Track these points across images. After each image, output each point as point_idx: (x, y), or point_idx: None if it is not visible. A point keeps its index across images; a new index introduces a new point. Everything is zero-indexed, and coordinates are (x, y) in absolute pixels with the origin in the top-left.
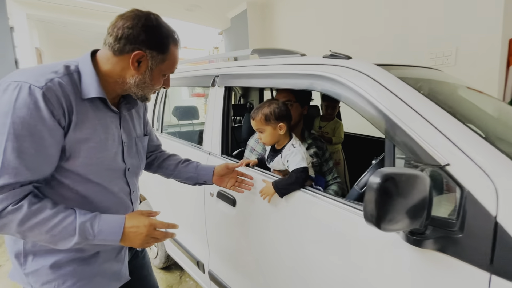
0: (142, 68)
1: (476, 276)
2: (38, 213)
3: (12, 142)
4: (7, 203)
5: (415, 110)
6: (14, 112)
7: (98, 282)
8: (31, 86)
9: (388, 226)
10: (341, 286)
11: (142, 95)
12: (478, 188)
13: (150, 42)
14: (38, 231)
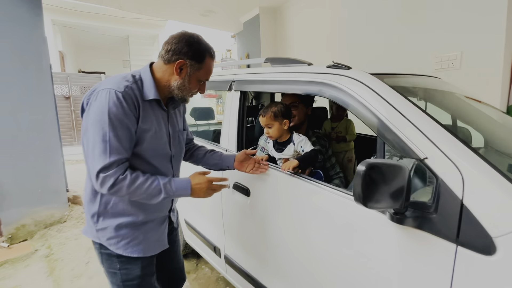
0: (182, 74)
1: (445, 247)
2: (136, 180)
3: (112, 131)
4: (118, 174)
5: (401, 113)
6: (109, 110)
7: (145, 244)
8: (116, 91)
9: (373, 205)
10: (340, 259)
11: (182, 96)
12: (449, 177)
13: (190, 54)
14: (139, 191)
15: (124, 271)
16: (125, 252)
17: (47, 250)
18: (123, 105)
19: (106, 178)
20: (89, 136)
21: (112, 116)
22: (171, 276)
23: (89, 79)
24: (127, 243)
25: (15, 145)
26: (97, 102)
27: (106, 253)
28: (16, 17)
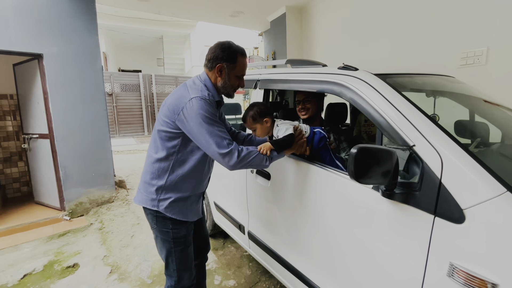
0: (223, 75)
1: (425, 218)
2: (247, 151)
3: (212, 125)
4: (237, 147)
5: (395, 107)
6: (205, 111)
7: (189, 212)
8: (202, 98)
9: (364, 181)
10: (346, 229)
11: (227, 93)
12: (431, 160)
13: (225, 57)
14: (253, 158)
15: (175, 230)
16: (178, 217)
17: (99, 224)
18: (210, 106)
19: (230, 153)
20: (199, 129)
21: (208, 115)
22: (201, 242)
23: (128, 77)
24: (179, 211)
25: (75, 136)
26: (194, 107)
27: (161, 216)
28: (77, 28)
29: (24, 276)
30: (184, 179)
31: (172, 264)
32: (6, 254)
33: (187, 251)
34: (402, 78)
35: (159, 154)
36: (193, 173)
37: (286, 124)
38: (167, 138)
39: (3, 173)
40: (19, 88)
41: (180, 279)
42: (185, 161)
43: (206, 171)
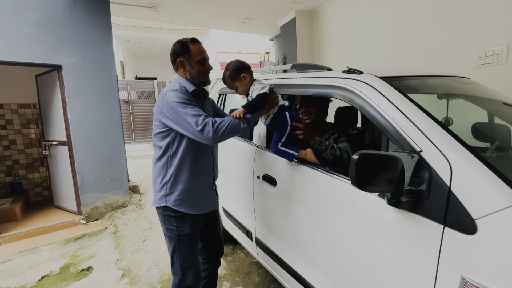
0: (186, 67)
1: (434, 227)
2: (221, 120)
3: (185, 107)
4: (211, 120)
5: (402, 111)
6: (177, 98)
7: (197, 204)
8: (173, 89)
9: (367, 188)
10: (352, 238)
11: (200, 81)
12: (439, 167)
13: (178, 52)
14: (229, 124)
15: (179, 228)
16: (186, 209)
17: (113, 229)
18: (184, 94)
19: (205, 126)
20: (177, 116)
21: (183, 100)
22: (213, 246)
23: (144, 85)
24: (187, 203)
25: (91, 142)
26: (168, 99)
27: (167, 215)
28: (93, 39)
29: (42, 278)
30: (183, 170)
31: (176, 261)
32: (26, 256)
33: (191, 250)
34: (412, 80)
35: (157, 154)
36: (190, 163)
37: (263, 83)
38: (161, 138)
39: (26, 178)
40: (41, 98)
41: (183, 277)
42: (180, 154)
43: (205, 160)
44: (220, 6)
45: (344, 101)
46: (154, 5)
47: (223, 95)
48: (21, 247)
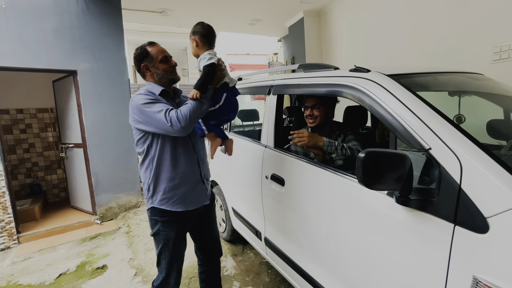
0: (151, 70)
1: (445, 226)
2: (182, 107)
3: (151, 106)
4: (175, 111)
5: (409, 109)
6: (141, 99)
7: (187, 200)
8: (137, 94)
9: (374, 186)
10: (361, 237)
11: (168, 79)
12: (449, 165)
13: (140, 57)
14: (191, 109)
15: (164, 233)
16: (173, 208)
17: (127, 228)
18: (148, 94)
19: (172, 118)
20: (146, 117)
21: (148, 100)
22: (208, 246)
23: None
24: (173, 202)
25: (105, 144)
26: (134, 104)
27: (154, 219)
28: (106, 45)
29: (59, 276)
30: (164, 169)
31: (163, 261)
32: (45, 255)
33: (175, 253)
34: (421, 77)
35: (140, 160)
36: (170, 161)
37: (212, 54)
38: (141, 144)
39: (45, 180)
40: (58, 102)
41: (167, 276)
42: (159, 154)
43: (186, 156)
44: (229, 9)
45: (352, 99)
46: (164, 10)
47: None
48: (40, 245)
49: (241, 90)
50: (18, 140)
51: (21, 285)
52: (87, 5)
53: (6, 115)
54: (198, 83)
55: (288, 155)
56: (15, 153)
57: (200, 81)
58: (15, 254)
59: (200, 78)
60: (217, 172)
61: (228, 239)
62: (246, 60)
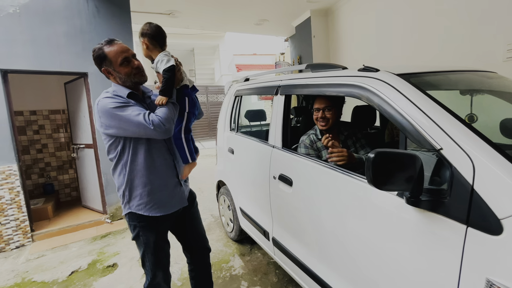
0: (113, 74)
1: (457, 228)
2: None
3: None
4: (155, 115)
5: (420, 108)
6: (110, 103)
7: (165, 204)
8: (103, 98)
9: (384, 187)
10: (369, 238)
11: (132, 82)
12: (461, 165)
13: (99, 61)
14: (166, 113)
15: (144, 237)
16: (151, 213)
17: None
18: (111, 98)
19: (154, 120)
20: (120, 122)
21: (117, 105)
22: (192, 244)
23: None
24: (151, 207)
25: None
26: (102, 108)
27: (133, 224)
28: None
29: (71, 273)
30: (139, 174)
31: (147, 263)
32: (58, 252)
33: (158, 254)
34: (432, 76)
35: (112, 165)
36: (146, 165)
37: (168, 55)
38: (112, 149)
39: (57, 180)
40: (69, 104)
41: (154, 277)
42: (132, 159)
43: (162, 160)
44: (236, 10)
45: (361, 99)
46: (172, 12)
47: (239, 96)
48: (53, 243)
49: (249, 91)
50: (31, 141)
51: (35, 282)
52: (97, 8)
53: (20, 116)
54: (163, 88)
55: (296, 155)
56: (28, 154)
57: (164, 86)
58: (29, 251)
59: (163, 83)
60: (225, 172)
61: (236, 239)
62: (253, 60)
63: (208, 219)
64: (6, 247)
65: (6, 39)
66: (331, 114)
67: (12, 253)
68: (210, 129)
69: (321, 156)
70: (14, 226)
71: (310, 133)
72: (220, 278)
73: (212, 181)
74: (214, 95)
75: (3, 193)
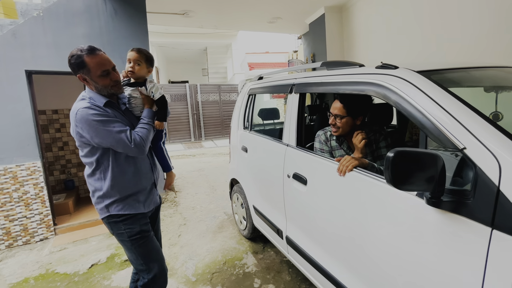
0: (89, 82)
1: (481, 230)
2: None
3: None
4: (135, 134)
5: (442, 107)
6: (92, 115)
7: (140, 206)
8: (83, 107)
9: (403, 187)
10: (387, 238)
11: (109, 93)
12: (486, 165)
13: (76, 68)
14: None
15: (128, 230)
16: (131, 211)
17: None
18: (92, 109)
19: (135, 140)
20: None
21: (99, 117)
22: None
23: (177, 88)
24: (129, 206)
25: None
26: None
27: (113, 221)
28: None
29: (91, 266)
30: (119, 179)
31: (137, 260)
32: (78, 246)
33: (148, 244)
34: (454, 73)
35: (89, 170)
36: (126, 171)
37: (155, 83)
38: (89, 155)
39: (77, 176)
40: None
41: (149, 269)
42: (112, 165)
43: (142, 164)
44: (249, 8)
45: (379, 97)
46: (186, 12)
47: (253, 95)
48: (74, 237)
49: (262, 89)
50: (53, 139)
51: (58, 273)
52: (115, 10)
53: (43, 115)
54: (161, 115)
55: (310, 154)
56: (51, 151)
57: (161, 113)
58: (52, 244)
59: (160, 111)
60: (238, 170)
61: (248, 236)
62: (265, 59)
63: (221, 216)
64: (31, 239)
65: (31, 42)
66: (341, 123)
67: (36, 245)
68: (223, 127)
69: (334, 155)
70: (38, 220)
71: (327, 130)
72: (233, 275)
73: (225, 179)
74: (226, 94)
75: (28, 188)
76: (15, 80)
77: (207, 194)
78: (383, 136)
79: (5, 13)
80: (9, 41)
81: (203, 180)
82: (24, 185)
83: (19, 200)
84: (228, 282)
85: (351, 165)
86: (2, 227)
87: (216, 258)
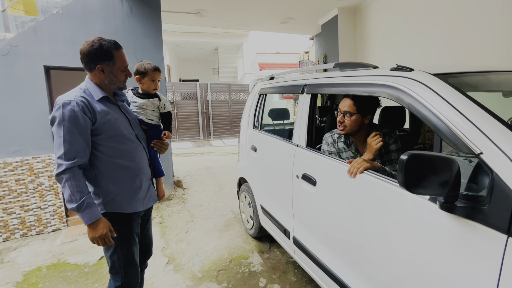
0: (106, 74)
1: (496, 237)
2: (77, 178)
3: (71, 137)
4: (69, 168)
5: (458, 110)
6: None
7: (139, 202)
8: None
9: (416, 190)
10: (398, 242)
11: (118, 87)
12: (503, 170)
13: (99, 57)
14: (72, 187)
15: (118, 231)
16: (126, 210)
17: (160, 219)
18: (75, 110)
19: (57, 170)
20: (56, 134)
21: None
22: (145, 249)
23: (187, 86)
24: (126, 203)
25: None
26: (57, 112)
27: (107, 219)
28: (146, 46)
29: (101, 258)
30: (111, 179)
31: (118, 261)
32: None
33: (132, 248)
34: (471, 77)
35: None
36: (121, 167)
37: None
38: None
39: None
40: None
41: (126, 273)
42: (105, 162)
43: (137, 160)
44: (262, 8)
45: (392, 100)
46: (200, 11)
47: (263, 95)
48: (84, 229)
49: (274, 89)
50: None
51: (69, 263)
52: (131, 8)
53: None
54: (171, 127)
55: (320, 155)
56: None
57: (170, 125)
58: (64, 235)
59: (170, 123)
60: (247, 169)
61: (255, 236)
62: (276, 59)
63: (228, 215)
64: (44, 230)
65: (50, 38)
66: (350, 121)
67: (49, 236)
68: (232, 126)
69: (342, 157)
70: (52, 211)
71: (334, 132)
72: (239, 273)
73: (232, 178)
74: (236, 93)
75: (43, 180)
76: (34, 75)
77: (215, 192)
78: (394, 140)
79: (26, 10)
80: (29, 38)
81: (211, 178)
82: (40, 176)
83: (34, 191)
84: (233, 280)
85: (363, 167)
86: (17, 217)
87: (222, 255)
